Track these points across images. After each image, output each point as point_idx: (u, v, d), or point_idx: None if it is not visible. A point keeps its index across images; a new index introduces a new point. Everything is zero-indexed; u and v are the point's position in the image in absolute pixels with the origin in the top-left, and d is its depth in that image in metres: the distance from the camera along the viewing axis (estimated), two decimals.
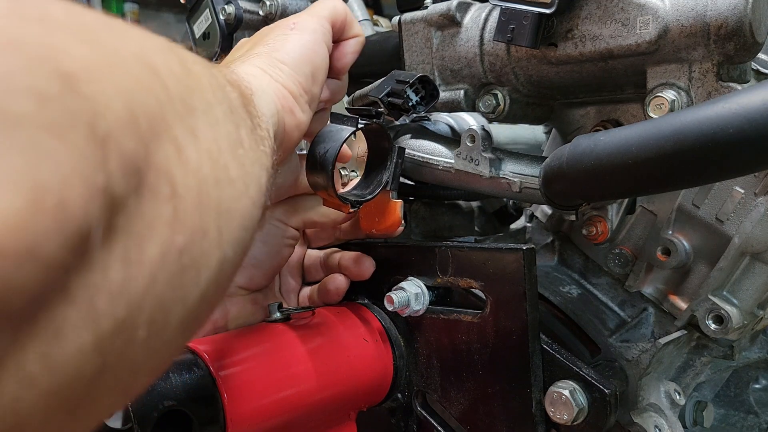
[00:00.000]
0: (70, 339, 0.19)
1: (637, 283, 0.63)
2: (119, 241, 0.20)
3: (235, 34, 0.83)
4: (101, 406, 0.22)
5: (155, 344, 0.23)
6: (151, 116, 0.23)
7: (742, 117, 0.35)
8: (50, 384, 0.19)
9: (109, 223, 0.20)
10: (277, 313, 0.54)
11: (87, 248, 0.19)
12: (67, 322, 0.19)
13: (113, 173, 0.20)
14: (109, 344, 0.20)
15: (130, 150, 0.21)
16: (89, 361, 0.20)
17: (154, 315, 0.22)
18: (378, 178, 0.55)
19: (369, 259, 0.58)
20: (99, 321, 0.20)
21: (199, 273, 0.25)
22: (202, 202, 0.25)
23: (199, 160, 0.25)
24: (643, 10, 0.49)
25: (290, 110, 0.46)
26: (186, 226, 0.24)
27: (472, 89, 0.60)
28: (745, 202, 0.55)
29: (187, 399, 0.43)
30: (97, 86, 0.20)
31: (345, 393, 0.53)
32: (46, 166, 0.17)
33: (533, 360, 0.48)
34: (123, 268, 0.20)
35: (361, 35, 0.56)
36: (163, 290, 0.23)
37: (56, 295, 0.18)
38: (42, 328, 0.18)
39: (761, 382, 0.71)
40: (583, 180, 0.43)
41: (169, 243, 0.23)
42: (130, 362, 0.22)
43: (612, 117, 0.58)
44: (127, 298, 0.21)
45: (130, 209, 0.21)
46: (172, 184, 0.23)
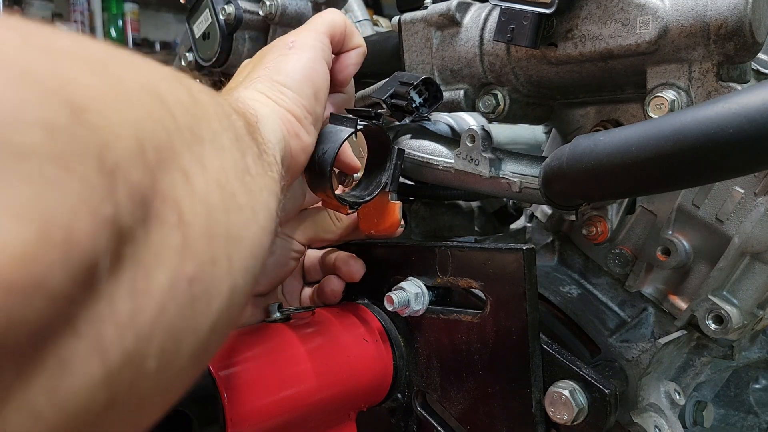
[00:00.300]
0: (77, 373, 0.18)
1: (637, 283, 0.63)
2: (126, 271, 0.20)
3: (235, 34, 0.83)
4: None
5: (166, 376, 0.23)
6: (158, 146, 0.23)
7: (742, 117, 0.35)
8: (57, 419, 0.18)
9: (116, 253, 0.19)
10: (277, 314, 0.54)
11: (94, 280, 0.19)
12: (73, 355, 0.18)
13: (121, 204, 0.19)
14: (117, 377, 0.20)
15: (137, 180, 0.21)
16: (97, 394, 0.19)
17: (164, 345, 0.22)
18: (377, 179, 0.55)
19: (358, 261, 0.58)
20: (107, 353, 0.19)
21: (209, 302, 0.25)
22: (211, 229, 0.25)
23: (207, 188, 0.25)
24: (642, 10, 0.49)
25: (296, 134, 0.46)
26: (195, 254, 0.23)
27: (472, 89, 0.60)
28: (745, 202, 0.55)
29: (187, 399, 0.43)
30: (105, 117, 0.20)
31: (345, 393, 0.53)
32: (53, 198, 0.17)
33: (533, 360, 0.48)
34: (131, 298, 0.20)
35: (363, 46, 0.55)
36: (173, 320, 0.22)
37: (62, 328, 0.18)
38: (48, 363, 0.18)
39: (761, 382, 0.71)
40: (582, 180, 0.43)
41: (178, 271, 0.22)
42: (139, 395, 0.22)
43: (612, 117, 0.58)
44: (135, 329, 0.20)
45: (137, 239, 0.21)
46: (179, 211, 0.23)
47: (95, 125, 0.19)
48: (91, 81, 0.20)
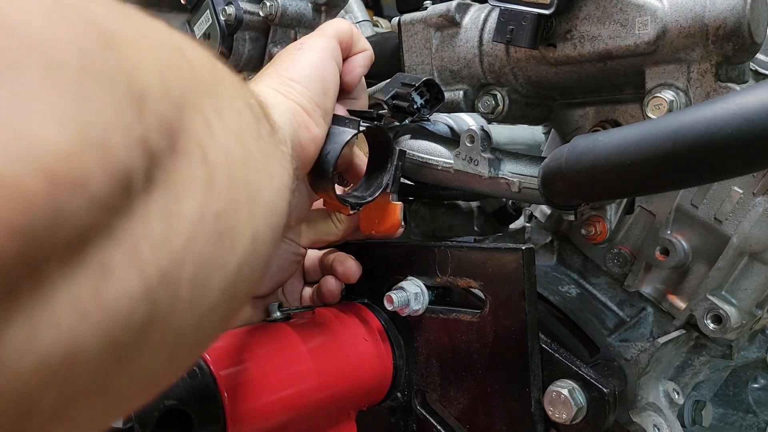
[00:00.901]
0: (118, 280, 0.20)
1: (635, 283, 0.63)
2: (158, 195, 0.21)
3: (236, 34, 0.83)
4: (149, 364, 0.23)
5: (198, 309, 0.24)
6: (181, 87, 0.24)
7: (741, 117, 0.35)
8: (103, 321, 0.20)
9: (147, 174, 0.21)
10: (278, 313, 0.54)
11: (129, 192, 0.20)
12: (114, 263, 0.20)
13: (150, 128, 0.21)
14: (155, 295, 0.21)
15: (164, 111, 0.22)
16: (138, 307, 0.21)
17: (196, 274, 0.23)
18: (378, 180, 0.55)
19: (354, 262, 0.59)
20: (144, 269, 0.21)
21: (234, 242, 0.26)
22: (232, 176, 0.26)
23: (226, 138, 0.26)
24: (641, 10, 0.49)
25: (305, 126, 0.47)
26: (220, 193, 0.25)
27: (471, 90, 0.60)
28: (743, 202, 0.55)
29: (188, 398, 0.43)
30: (132, 50, 0.22)
31: (345, 392, 0.53)
32: (89, 109, 0.19)
33: (532, 359, 0.48)
34: (163, 221, 0.22)
35: (369, 50, 0.57)
36: (202, 251, 0.24)
37: (103, 234, 0.19)
38: (91, 264, 0.19)
39: (760, 382, 0.71)
40: (581, 180, 0.44)
41: (205, 205, 0.24)
42: (176, 324, 0.23)
43: (611, 117, 0.58)
44: (169, 250, 0.22)
45: (166, 165, 0.22)
46: (203, 151, 0.24)
47: (123, 55, 0.21)
48: (118, 20, 0.22)
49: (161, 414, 0.41)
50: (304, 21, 0.84)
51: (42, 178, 0.17)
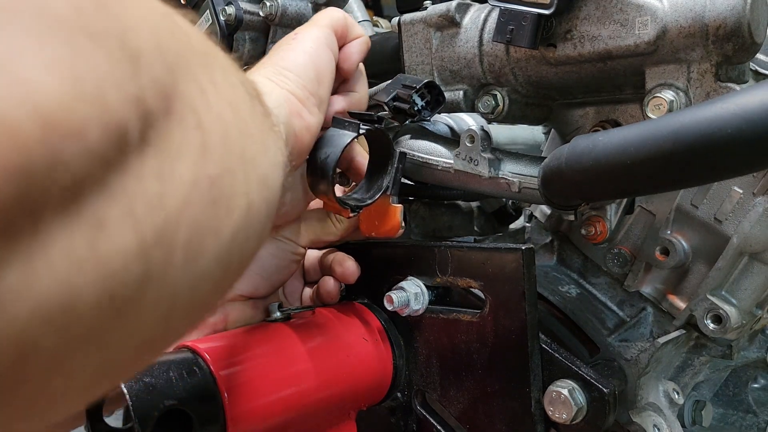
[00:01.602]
0: (114, 234, 0.20)
1: (635, 283, 0.63)
2: (152, 155, 0.22)
3: (236, 34, 0.83)
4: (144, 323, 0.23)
5: (193, 271, 0.24)
6: (176, 52, 0.24)
7: (741, 117, 0.35)
8: (98, 273, 0.20)
9: (142, 133, 0.21)
10: (277, 313, 0.54)
11: (124, 147, 0.20)
12: (109, 217, 0.20)
13: (144, 87, 0.21)
14: (150, 254, 0.21)
15: (158, 74, 0.22)
16: (133, 263, 0.21)
17: (190, 238, 0.24)
18: (378, 182, 0.55)
19: (353, 263, 0.58)
20: (139, 226, 0.21)
21: (230, 209, 0.26)
22: (227, 144, 0.26)
23: (221, 107, 0.27)
24: (641, 10, 0.49)
25: (298, 114, 0.47)
26: (214, 158, 0.25)
27: (471, 90, 0.60)
28: (743, 202, 0.55)
29: (188, 398, 0.43)
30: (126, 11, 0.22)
31: (345, 392, 0.53)
32: (84, 62, 0.19)
33: (532, 359, 0.48)
34: (158, 181, 0.22)
35: (364, 35, 0.56)
36: (197, 215, 0.24)
37: (98, 187, 0.20)
38: (87, 216, 0.19)
39: (760, 382, 0.71)
40: (581, 180, 0.44)
41: (199, 170, 0.24)
42: (171, 284, 0.23)
43: (611, 117, 0.58)
44: (164, 211, 0.22)
45: (160, 126, 0.22)
46: (198, 117, 0.24)
47: (117, 14, 0.21)
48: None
49: (161, 414, 0.41)
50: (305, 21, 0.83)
51: (38, 123, 0.17)
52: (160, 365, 0.44)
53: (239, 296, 0.57)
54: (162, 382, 0.43)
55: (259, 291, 0.58)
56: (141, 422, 0.40)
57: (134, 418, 0.40)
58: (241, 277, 0.57)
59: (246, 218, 0.28)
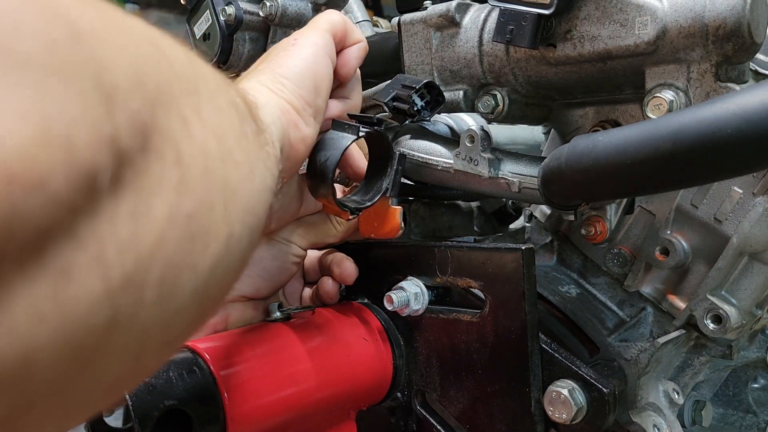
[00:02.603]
0: (79, 283, 0.19)
1: (635, 283, 0.63)
2: (127, 195, 0.21)
3: (235, 35, 0.83)
4: (111, 367, 0.22)
5: (166, 310, 0.24)
6: (157, 83, 0.23)
7: (740, 117, 0.35)
8: (61, 325, 0.19)
9: (116, 173, 0.20)
10: (277, 313, 0.54)
11: (94, 192, 0.19)
12: (76, 265, 0.19)
13: (120, 126, 0.20)
14: (118, 298, 0.21)
15: (136, 108, 0.21)
16: (100, 311, 0.20)
17: (163, 276, 0.23)
18: (378, 184, 0.55)
19: (351, 264, 0.58)
20: (108, 271, 0.20)
21: (207, 244, 0.26)
22: (209, 176, 0.26)
23: (205, 137, 0.26)
24: (641, 10, 0.49)
25: (294, 125, 0.46)
26: (193, 194, 0.24)
27: (471, 90, 0.60)
28: (743, 202, 0.55)
29: (188, 398, 0.43)
30: (104, 45, 0.21)
31: (345, 392, 0.53)
32: (53, 106, 0.18)
33: (532, 359, 0.48)
34: (131, 222, 0.21)
35: (363, 41, 0.56)
36: (172, 252, 0.23)
37: (64, 236, 0.19)
38: (51, 267, 0.18)
39: (760, 382, 0.71)
40: (581, 180, 0.44)
41: (176, 206, 0.23)
42: (141, 325, 0.22)
43: (611, 117, 0.58)
44: (135, 252, 0.21)
45: (137, 166, 0.21)
46: (177, 152, 0.24)
47: (93, 48, 0.20)
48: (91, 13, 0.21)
49: (161, 414, 0.41)
50: (304, 21, 0.84)
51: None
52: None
53: (240, 297, 0.57)
54: (162, 382, 0.43)
55: (261, 292, 0.58)
56: (141, 422, 0.40)
57: (134, 418, 0.40)
58: (243, 279, 0.57)
59: (226, 249, 0.27)
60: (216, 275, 0.27)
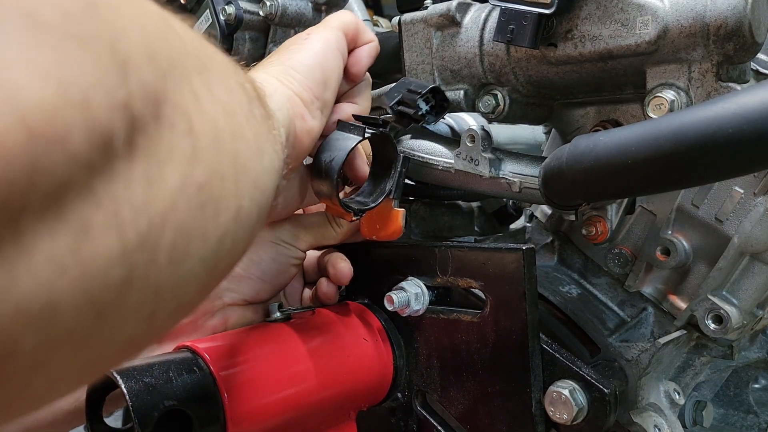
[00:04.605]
0: (97, 240, 0.20)
1: (636, 283, 0.63)
2: (140, 160, 0.22)
3: (236, 34, 0.83)
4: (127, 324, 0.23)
5: (177, 274, 0.24)
6: (168, 57, 0.24)
7: (741, 117, 0.35)
8: (80, 277, 0.20)
9: (130, 138, 0.21)
10: (278, 313, 0.54)
11: (110, 154, 0.20)
12: (94, 222, 0.20)
13: (133, 94, 0.21)
14: (134, 258, 0.22)
15: (149, 79, 0.22)
16: (116, 268, 0.21)
17: (175, 241, 0.24)
18: (381, 186, 0.55)
19: (346, 264, 0.58)
20: (124, 231, 0.21)
21: (217, 214, 0.26)
22: (219, 149, 0.26)
23: (215, 112, 0.27)
24: (642, 10, 0.49)
25: (301, 116, 0.47)
26: (204, 165, 0.25)
27: (471, 89, 0.60)
28: (744, 202, 0.55)
29: (188, 399, 0.43)
30: (118, 16, 0.22)
31: (345, 392, 0.53)
32: (71, 68, 0.19)
33: (533, 360, 0.48)
34: (145, 186, 0.22)
35: (375, 40, 0.57)
36: (183, 219, 0.24)
37: (83, 193, 0.20)
38: (71, 221, 0.19)
39: (761, 382, 0.71)
40: (582, 180, 0.44)
41: (188, 175, 0.24)
42: (154, 286, 0.23)
43: (611, 117, 0.58)
44: (149, 216, 0.22)
45: (149, 133, 0.22)
46: (188, 122, 0.24)
47: (108, 19, 0.21)
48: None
49: (161, 414, 0.41)
50: (304, 21, 0.84)
51: (21, 129, 0.17)
52: (159, 365, 0.44)
53: (240, 300, 0.57)
54: (162, 382, 0.43)
55: (261, 295, 0.58)
56: (141, 423, 0.40)
57: (134, 419, 0.40)
58: (242, 282, 0.57)
59: (235, 222, 0.28)
60: (225, 246, 0.28)
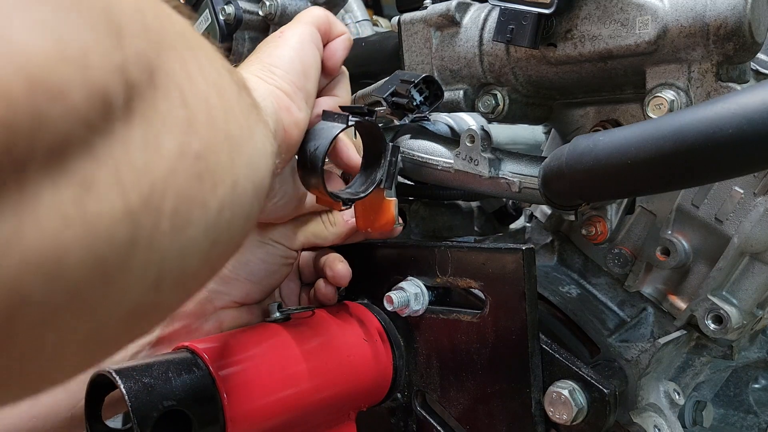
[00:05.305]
0: (100, 197, 0.21)
1: (636, 283, 0.63)
2: (138, 125, 0.22)
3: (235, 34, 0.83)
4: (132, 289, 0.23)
5: (181, 241, 0.25)
6: (159, 31, 0.24)
7: (741, 117, 0.35)
8: (85, 233, 0.20)
9: (127, 101, 0.21)
10: (277, 313, 0.54)
11: (109, 113, 0.21)
12: (96, 179, 0.20)
13: (128, 60, 0.21)
14: (137, 219, 0.22)
15: (142, 47, 0.23)
16: (120, 228, 0.21)
17: (177, 207, 0.24)
18: (372, 176, 0.54)
19: (344, 266, 0.58)
20: (126, 191, 0.21)
21: (215, 184, 0.27)
22: (213, 123, 0.27)
23: (207, 89, 0.27)
24: (642, 10, 0.49)
25: (287, 108, 0.47)
26: (199, 136, 0.25)
27: (471, 89, 0.60)
28: (744, 202, 0.55)
29: (187, 399, 0.43)
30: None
31: (344, 393, 0.53)
32: (68, 29, 0.19)
33: (533, 360, 0.48)
34: (144, 151, 0.22)
35: (347, 32, 0.57)
36: (183, 186, 0.24)
37: (83, 150, 0.20)
38: (74, 176, 0.20)
39: (760, 382, 0.71)
40: (582, 180, 0.44)
41: (185, 144, 0.24)
42: (159, 252, 0.24)
43: (611, 117, 0.58)
44: (150, 179, 0.22)
45: (146, 99, 0.22)
46: (182, 93, 0.25)
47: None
48: None
49: (160, 415, 0.41)
50: None
51: (23, 79, 0.18)
52: (158, 365, 0.44)
53: (232, 302, 0.57)
54: (161, 382, 0.43)
55: (252, 296, 0.57)
56: (140, 423, 0.40)
57: (133, 419, 0.40)
58: (231, 283, 0.57)
59: (232, 195, 0.28)
60: (224, 218, 0.28)
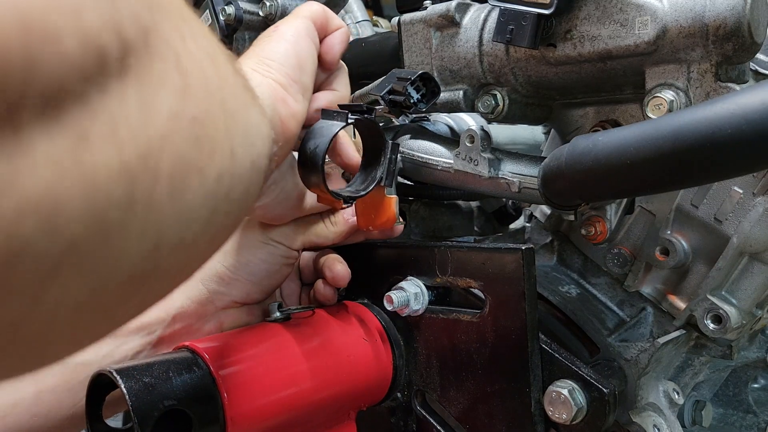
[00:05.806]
0: (97, 150, 0.20)
1: (635, 283, 0.63)
2: (133, 82, 0.22)
3: (235, 34, 0.83)
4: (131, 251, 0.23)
5: (179, 205, 0.24)
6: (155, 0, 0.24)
7: (740, 117, 0.35)
8: (82, 185, 0.20)
9: (122, 58, 0.21)
10: (277, 313, 0.54)
11: (103, 66, 0.20)
12: (92, 132, 0.20)
13: (123, 19, 0.21)
14: (134, 176, 0.22)
15: (137, 8, 0.22)
16: (118, 183, 0.21)
17: (174, 170, 0.23)
18: (372, 174, 0.55)
19: (343, 267, 0.58)
20: (122, 147, 0.21)
21: (212, 151, 0.26)
22: (208, 91, 0.26)
23: (201, 57, 0.26)
24: (641, 10, 0.49)
25: (283, 100, 0.47)
26: (195, 101, 0.25)
27: (471, 90, 0.60)
28: (743, 202, 0.55)
29: (187, 398, 0.43)
30: None
31: (344, 392, 0.53)
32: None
33: (532, 359, 0.48)
34: (139, 109, 0.22)
35: (344, 26, 0.57)
36: (179, 148, 0.24)
37: (79, 101, 0.20)
38: (69, 127, 0.19)
39: (760, 382, 0.71)
40: (581, 180, 0.44)
41: (180, 107, 0.24)
42: (157, 214, 0.23)
43: (611, 117, 0.58)
44: (146, 137, 0.22)
45: (140, 57, 0.22)
46: (177, 57, 0.24)
47: None
48: None
49: (161, 414, 0.41)
50: None
51: (17, 20, 0.17)
52: (159, 365, 0.44)
53: (232, 303, 0.57)
54: (161, 382, 0.43)
55: (252, 296, 0.57)
56: (141, 422, 0.40)
57: (134, 419, 0.40)
58: (231, 283, 0.57)
59: (230, 164, 0.28)
60: (222, 186, 0.27)
